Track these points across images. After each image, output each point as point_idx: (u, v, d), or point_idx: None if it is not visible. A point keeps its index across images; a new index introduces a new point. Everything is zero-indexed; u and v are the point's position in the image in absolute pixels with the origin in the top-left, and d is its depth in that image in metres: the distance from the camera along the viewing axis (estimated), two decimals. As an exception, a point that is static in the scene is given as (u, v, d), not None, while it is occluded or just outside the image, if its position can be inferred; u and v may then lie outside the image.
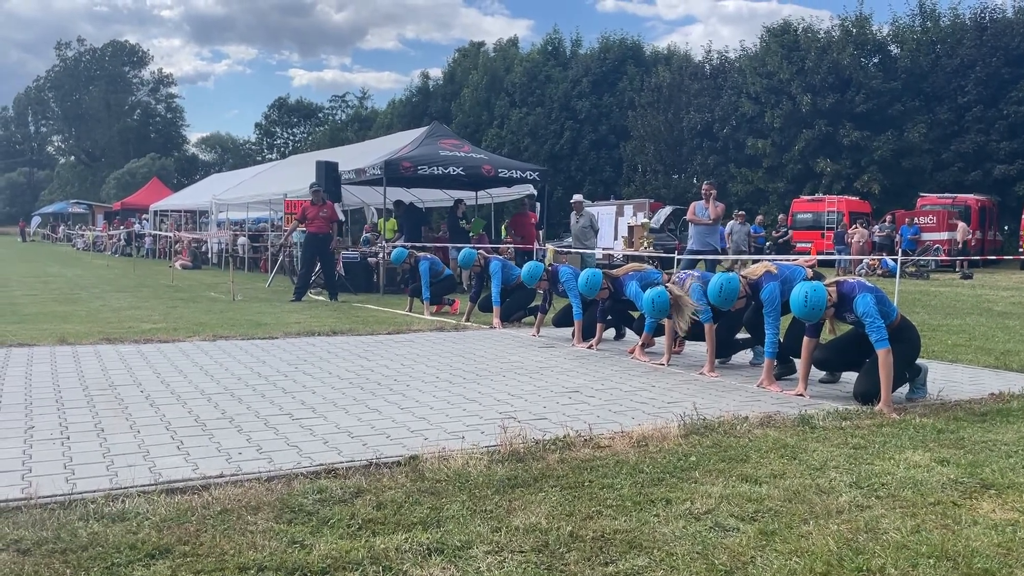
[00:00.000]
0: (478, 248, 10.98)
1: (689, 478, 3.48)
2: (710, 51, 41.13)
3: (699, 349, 7.05)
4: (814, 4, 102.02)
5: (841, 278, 5.20)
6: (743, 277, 5.74)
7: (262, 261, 21.48)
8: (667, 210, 29.22)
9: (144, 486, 3.24)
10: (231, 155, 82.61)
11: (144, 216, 35.41)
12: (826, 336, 5.53)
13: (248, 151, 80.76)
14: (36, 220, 62.94)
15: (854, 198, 29.15)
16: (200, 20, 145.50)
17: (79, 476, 3.39)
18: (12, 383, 5.32)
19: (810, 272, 5.94)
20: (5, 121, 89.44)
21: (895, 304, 5.17)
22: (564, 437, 4.07)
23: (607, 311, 7.69)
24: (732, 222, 19.19)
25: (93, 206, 51.61)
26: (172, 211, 32.36)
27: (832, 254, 21.77)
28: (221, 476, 3.40)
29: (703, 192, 11.47)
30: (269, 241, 20.99)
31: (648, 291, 6.37)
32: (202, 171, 71.13)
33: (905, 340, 5.10)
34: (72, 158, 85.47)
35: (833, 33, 34.55)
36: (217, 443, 3.95)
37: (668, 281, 6.54)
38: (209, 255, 24.89)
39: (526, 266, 8.28)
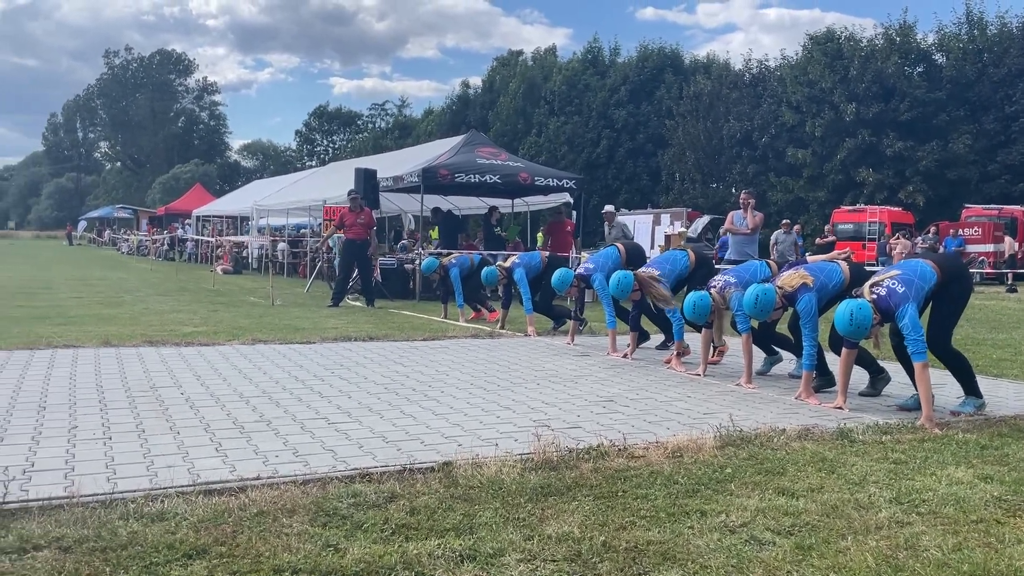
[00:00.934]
0: (509, 254, 10.99)
1: (724, 490, 3.44)
2: (750, 60, 40.84)
3: (737, 360, 6.98)
4: (858, 12, 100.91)
5: (877, 288, 5.10)
6: (779, 288, 5.68)
7: (301, 266, 21.73)
8: (705, 219, 28.99)
9: (183, 487, 3.29)
10: (272, 162, 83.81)
11: (187, 221, 36.08)
12: (868, 348, 5.46)
13: (288, 158, 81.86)
14: (82, 224, 64.42)
15: (896, 209, 28.67)
16: (244, 29, 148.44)
17: (120, 476, 3.45)
18: (57, 383, 5.45)
19: (846, 267, 5.86)
20: (55, 127, 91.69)
21: (929, 270, 5.10)
22: (598, 446, 4.05)
23: (639, 318, 7.66)
24: (777, 231, 18.93)
25: (138, 211, 52.66)
26: (214, 216, 32.92)
27: (874, 265, 21.41)
28: (258, 478, 3.44)
29: (741, 201, 11.37)
30: (308, 247, 21.24)
31: (690, 295, 6.33)
32: (244, 177, 72.25)
33: (956, 280, 5.20)
34: (118, 164, 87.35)
35: (877, 42, 34.05)
36: (254, 446, 4.00)
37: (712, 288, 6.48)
38: (249, 260, 25.26)
39: (556, 273, 8.26)
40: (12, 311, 10.13)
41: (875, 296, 5.02)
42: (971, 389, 5.30)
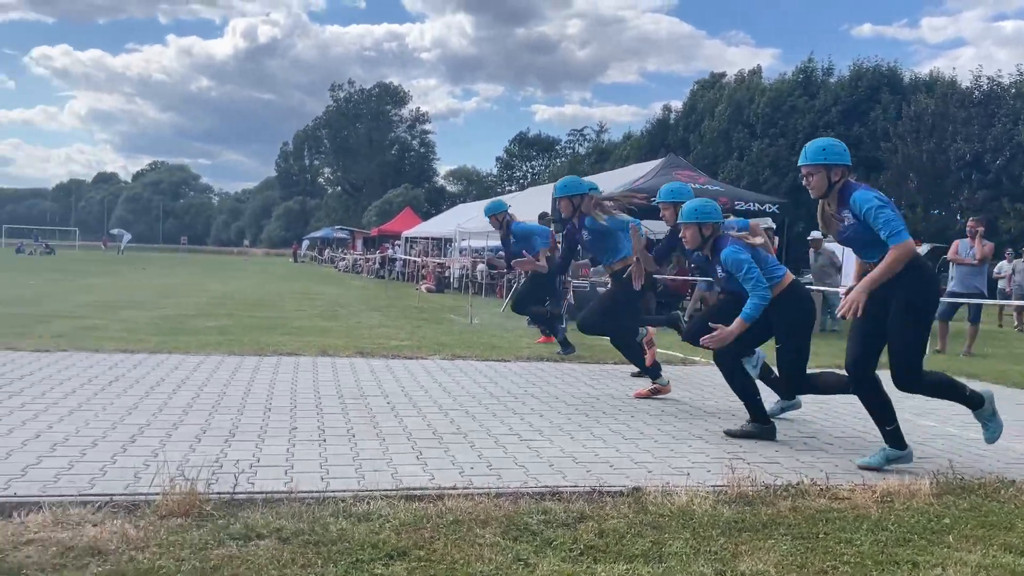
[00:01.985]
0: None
1: (941, 542, 3.16)
2: (979, 76, 37.40)
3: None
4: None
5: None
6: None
7: (499, 287, 22.40)
8: (923, 248, 26.80)
9: (387, 490, 3.50)
10: (475, 187, 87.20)
11: (397, 242, 38.33)
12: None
13: (489, 183, 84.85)
14: (306, 243, 70.18)
15: None
16: (454, 61, 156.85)
17: (332, 476, 3.72)
18: (281, 387, 5.97)
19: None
20: (285, 155, 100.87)
21: None
22: (798, 484, 3.86)
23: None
24: (1017, 260, 16.98)
25: (354, 232, 56.58)
26: (421, 238, 34.74)
27: None
28: (454, 488, 3.58)
29: (968, 229, 10.46)
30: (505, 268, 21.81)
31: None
32: (448, 201, 75.66)
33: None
34: (339, 188, 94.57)
35: None
36: (452, 456, 4.18)
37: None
38: (451, 280, 26.40)
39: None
40: (246, 320, 11.24)
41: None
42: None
